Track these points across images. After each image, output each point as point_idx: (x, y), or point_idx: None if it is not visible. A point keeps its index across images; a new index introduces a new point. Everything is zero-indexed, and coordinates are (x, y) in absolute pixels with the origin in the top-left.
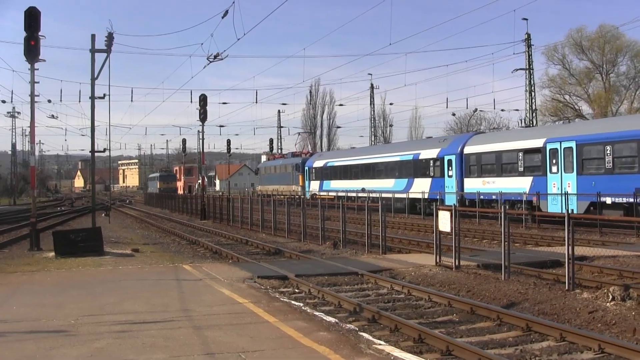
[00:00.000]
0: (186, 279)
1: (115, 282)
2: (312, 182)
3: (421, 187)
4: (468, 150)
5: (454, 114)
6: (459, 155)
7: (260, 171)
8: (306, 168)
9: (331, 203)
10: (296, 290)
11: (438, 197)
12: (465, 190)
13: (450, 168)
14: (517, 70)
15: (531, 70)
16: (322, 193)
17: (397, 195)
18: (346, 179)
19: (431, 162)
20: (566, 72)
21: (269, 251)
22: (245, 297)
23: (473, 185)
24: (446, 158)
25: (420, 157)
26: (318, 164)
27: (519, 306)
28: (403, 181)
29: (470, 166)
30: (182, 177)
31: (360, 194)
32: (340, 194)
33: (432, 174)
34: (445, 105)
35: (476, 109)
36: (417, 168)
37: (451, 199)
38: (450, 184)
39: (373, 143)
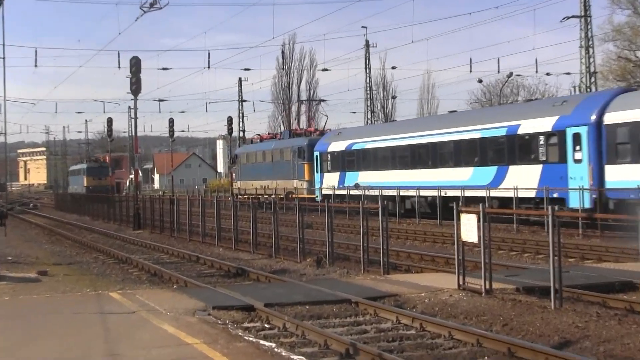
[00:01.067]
0: (114, 312)
1: (13, 318)
2: (326, 174)
3: (522, 178)
4: (613, 117)
5: (480, 80)
6: (594, 126)
7: (239, 159)
8: (316, 153)
9: (313, 205)
10: (266, 326)
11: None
12: (607, 185)
13: (577, 148)
14: (567, 18)
15: (588, 19)
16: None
17: (468, 193)
18: (386, 169)
19: (541, 138)
20: (639, 19)
21: (228, 272)
22: (195, 335)
23: (624, 175)
24: (570, 132)
25: (521, 130)
26: (336, 146)
27: (576, 346)
28: (489, 171)
29: (618, 144)
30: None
31: (403, 192)
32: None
33: (543, 157)
34: (468, 69)
35: (511, 73)
36: (514, 149)
37: (579, 198)
38: (579, 174)
39: (370, 121)
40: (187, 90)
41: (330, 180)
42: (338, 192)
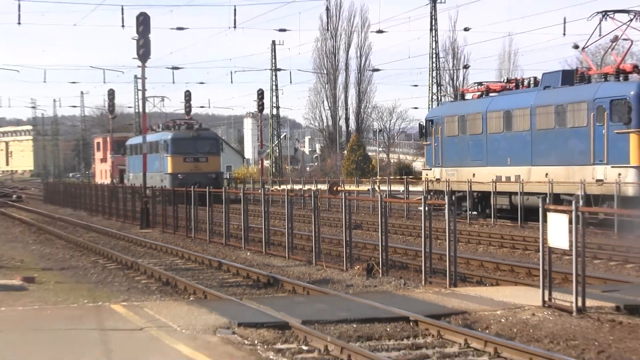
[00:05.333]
0: (118, 329)
1: None
2: None
3: None
4: None
5: (576, 47)
6: None
7: (436, 129)
8: None
9: (363, 201)
10: (304, 348)
11: None
12: None
13: None
14: None
15: None
16: None
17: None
18: None
19: None
20: None
21: (257, 281)
22: (217, 358)
23: None
24: None
25: None
26: None
27: None
28: None
29: None
30: (108, 156)
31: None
32: None
33: None
34: (560, 31)
35: (616, 38)
36: None
37: None
38: None
39: (435, 97)
40: (207, 55)
41: None
42: None
